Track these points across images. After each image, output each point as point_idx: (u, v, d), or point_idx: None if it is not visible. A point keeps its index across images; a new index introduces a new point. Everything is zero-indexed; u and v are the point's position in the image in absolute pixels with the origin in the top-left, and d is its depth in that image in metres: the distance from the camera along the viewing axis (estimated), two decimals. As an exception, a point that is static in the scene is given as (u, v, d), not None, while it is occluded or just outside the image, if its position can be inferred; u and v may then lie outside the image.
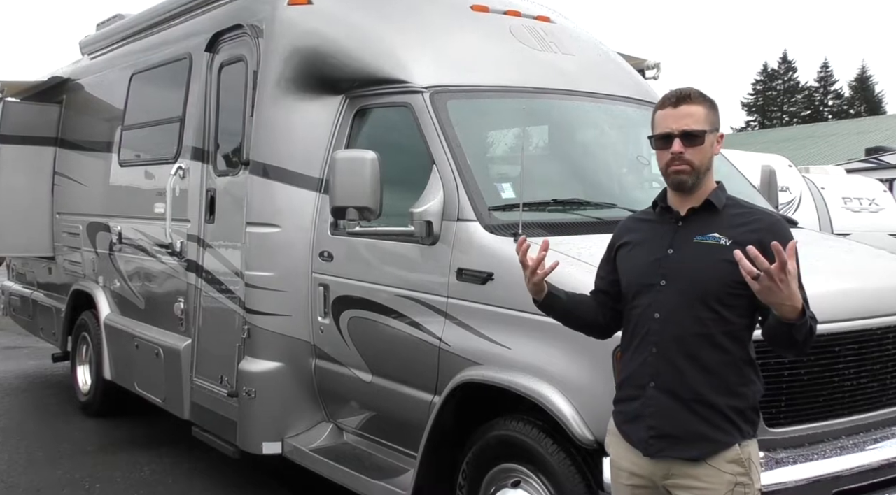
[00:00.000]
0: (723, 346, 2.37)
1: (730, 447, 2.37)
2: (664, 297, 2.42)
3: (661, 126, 2.48)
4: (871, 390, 3.31)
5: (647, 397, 2.44)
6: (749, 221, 2.43)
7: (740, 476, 2.37)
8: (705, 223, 2.44)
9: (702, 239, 2.41)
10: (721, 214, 2.45)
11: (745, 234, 2.36)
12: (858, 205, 12.60)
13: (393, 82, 4.30)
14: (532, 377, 3.29)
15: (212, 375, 5.07)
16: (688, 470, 2.38)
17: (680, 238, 2.46)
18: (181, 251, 5.33)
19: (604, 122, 4.70)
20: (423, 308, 3.83)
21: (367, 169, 3.79)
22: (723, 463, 2.36)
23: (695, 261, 2.40)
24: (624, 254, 2.60)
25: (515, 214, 3.57)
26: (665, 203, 2.54)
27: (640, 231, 2.59)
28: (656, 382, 2.42)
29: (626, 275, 2.57)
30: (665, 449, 2.41)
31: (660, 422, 2.41)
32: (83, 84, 7.22)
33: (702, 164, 2.44)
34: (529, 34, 4.77)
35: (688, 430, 2.37)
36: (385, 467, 4.15)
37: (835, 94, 59.65)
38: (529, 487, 3.38)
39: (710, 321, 2.36)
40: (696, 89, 2.50)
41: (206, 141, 5.23)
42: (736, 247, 2.30)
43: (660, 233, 2.51)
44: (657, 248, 2.49)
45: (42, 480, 5.30)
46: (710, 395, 2.36)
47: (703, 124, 2.44)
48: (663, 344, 2.41)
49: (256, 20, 4.77)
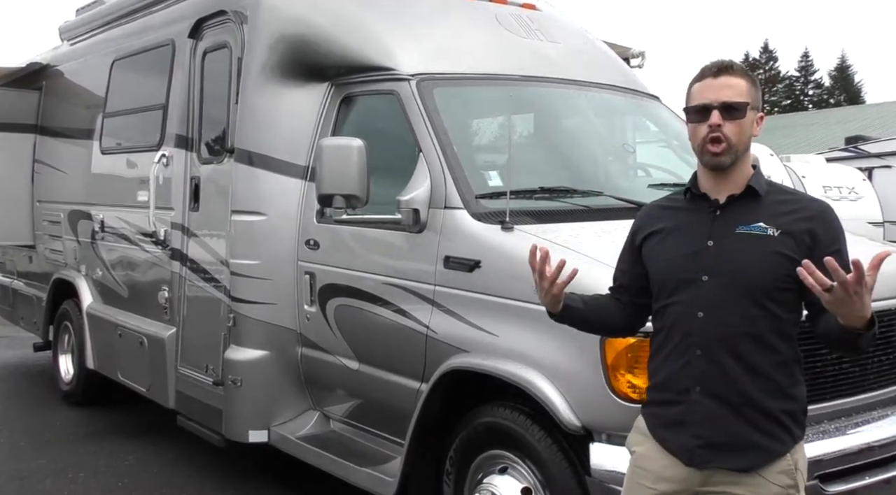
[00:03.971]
0: (773, 346, 2.21)
1: (782, 456, 2.22)
2: (707, 294, 2.22)
3: (698, 97, 2.27)
4: (852, 375, 3.36)
5: (692, 402, 2.25)
6: (796, 209, 2.24)
7: (789, 488, 2.23)
8: (747, 211, 2.24)
9: (745, 229, 2.22)
10: (763, 201, 2.25)
11: (794, 223, 2.20)
12: (838, 193, 12.70)
13: (379, 69, 4.29)
14: (519, 364, 3.30)
15: (197, 364, 5.05)
16: (733, 479, 2.23)
17: (719, 228, 2.25)
18: (165, 239, 5.30)
19: (589, 109, 4.71)
20: (410, 296, 3.84)
21: (353, 156, 3.79)
22: (774, 475, 2.21)
23: (740, 253, 2.20)
24: (653, 246, 2.38)
25: (502, 202, 3.58)
26: (698, 189, 2.33)
27: (668, 219, 2.38)
28: (702, 387, 2.23)
29: (658, 270, 2.36)
30: (713, 459, 2.23)
31: (708, 431, 2.22)
32: (63, 70, 7.13)
33: (740, 142, 2.23)
34: (515, 22, 4.77)
35: (738, 438, 2.21)
36: (372, 455, 4.16)
37: (815, 83, 59.99)
38: (516, 473, 3.40)
39: (759, 318, 2.19)
40: (739, 63, 2.33)
41: (190, 128, 5.19)
42: (785, 237, 2.19)
43: (695, 223, 2.30)
44: (694, 240, 2.28)
45: (25, 469, 5.26)
46: (762, 399, 2.20)
47: (746, 97, 2.24)
48: (708, 345, 2.22)
49: (241, 6, 4.73)
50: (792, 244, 2.19)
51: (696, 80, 2.32)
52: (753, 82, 2.30)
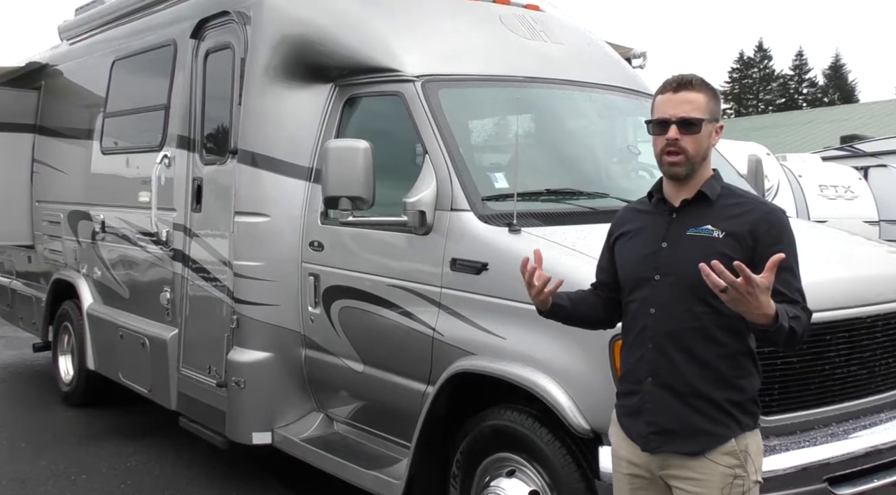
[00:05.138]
0: (718, 340, 2.36)
1: (727, 440, 2.37)
2: (658, 292, 2.41)
3: (658, 111, 2.44)
4: (860, 378, 3.36)
5: (645, 392, 2.44)
6: (743, 212, 2.38)
7: (736, 467, 2.37)
8: (699, 215, 2.40)
9: (695, 231, 2.38)
10: (715, 205, 2.41)
11: (739, 225, 2.34)
12: (834, 192, 12.73)
13: (383, 71, 4.27)
14: (527, 367, 3.30)
15: (199, 365, 5.03)
16: (684, 463, 2.39)
17: (674, 231, 2.43)
18: (167, 240, 5.28)
19: (594, 111, 4.71)
20: (416, 298, 3.83)
21: (359, 158, 3.77)
22: (718, 456, 2.36)
23: (688, 254, 2.35)
24: (620, 246, 2.58)
25: (509, 204, 3.58)
26: (660, 194, 2.50)
27: (637, 221, 2.56)
28: (654, 378, 2.42)
29: (622, 269, 2.56)
30: (663, 444, 2.41)
31: (658, 418, 2.41)
32: (62, 70, 7.09)
33: (696, 154, 2.39)
34: (519, 23, 4.76)
35: (686, 425, 2.37)
36: (376, 456, 4.16)
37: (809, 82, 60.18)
38: (524, 476, 3.40)
39: (704, 315, 2.34)
40: (699, 76, 2.45)
41: (192, 129, 5.18)
42: (729, 238, 2.33)
43: (655, 225, 2.49)
44: (652, 241, 2.47)
45: (26, 471, 5.24)
46: (707, 389, 2.35)
47: (702, 113, 2.39)
48: (659, 339, 2.40)
49: (244, 7, 4.71)
50: (734, 245, 2.32)
51: (658, 92, 2.47)
52: (713, 95, 2.45)
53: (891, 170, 14.09)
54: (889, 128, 24.05)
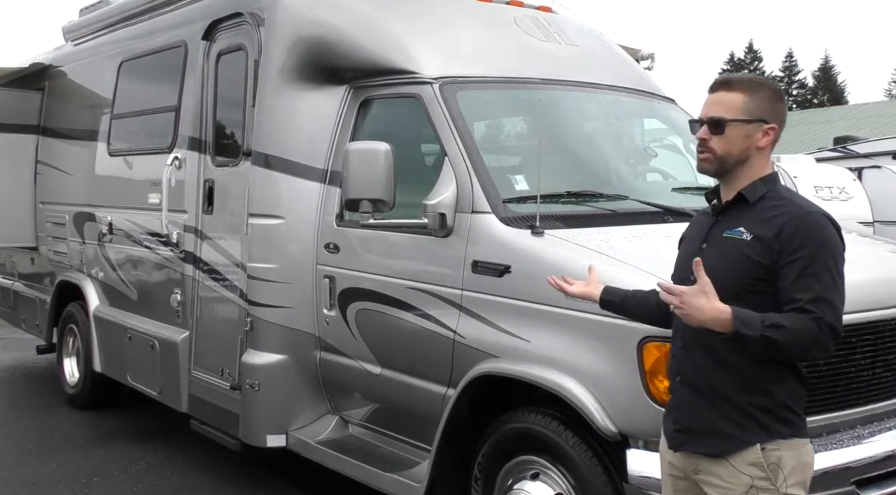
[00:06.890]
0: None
1: (749, 447, 2.32)
2: None
3: (702, 109, 2.48)
4: (885, 379, 3.37)
5: (675, 390, 2.50)
6: (775, 215, 2.34)
7: (759, 480, 2.31)
8: (737, 217, 2.40)
9: (729, 233, 2.39)
10: (754, 208, 2.39)
11: (767, 229, 2.31)
12: (829, 193, 12.74)
13: (400, 72, 4.26)
14: (553, 369, 3.29)
15: (212, 368, 5.01)
16: (710, 467, 2.38)
17: (714, 232, 2.46)
18: (178, 242, 5.25)
19: (610, 113, 4.71)
20: (436, 300, 3.82)
21: (380, 161, 3.76)
22: (742, 465, 2.32)
23: (718, 256, 2.36)
24: (679, 250, 2.65)
25: (530, 206, 3.58)
26: (714, 196, 2.53)
27: (694, 226, 2.62)
28: (682, 376, 2.47)
29: (674, 270, 2.61)
30: (685, 443, 2.44)
31: (682, 416, 2.45)
32: (67, 71, 7.05)
33: (727, 154, 2.39)
34: (533, 24, 4.76)
35: (706, 425, 2.38)
36: (393, 459, 4.14)
37: (799, 83, 60.41)
38: (549, 479, 3.39)
39: None
40: (748, 76, 2.45)
41: (203, 131, 5.15)
42: (755, 241, 2.31)
43: (701, 227, 2.53)
44: (695, 244, 2.51)
45: (36, 474, 5.21)
46: (728, 391, 2.34)
47: (735, 113, 2.37)
48: (687, 339, 2.43)
49: (257, 8, 4.69)
50: (760, 248, 2.30)
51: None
52: (760, 95, 2.40)
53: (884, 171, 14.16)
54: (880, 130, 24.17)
